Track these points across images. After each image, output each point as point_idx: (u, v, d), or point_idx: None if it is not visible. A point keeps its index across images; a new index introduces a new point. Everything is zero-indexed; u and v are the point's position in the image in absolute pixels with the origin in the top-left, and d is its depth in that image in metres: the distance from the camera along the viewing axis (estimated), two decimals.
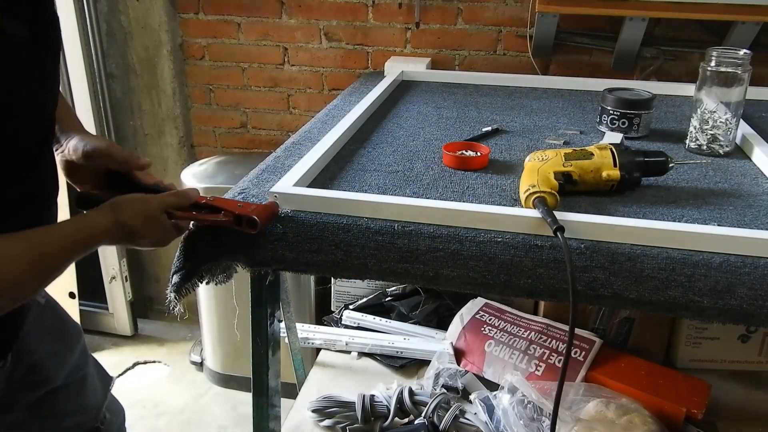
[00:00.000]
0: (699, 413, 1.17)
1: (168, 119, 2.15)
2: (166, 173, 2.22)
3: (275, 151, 1.16)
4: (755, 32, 1.58)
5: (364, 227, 0.89)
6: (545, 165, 0.94)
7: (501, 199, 0.96)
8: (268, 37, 1.99)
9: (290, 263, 0.93)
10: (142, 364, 2.25)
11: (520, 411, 1.16)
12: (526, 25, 1.79)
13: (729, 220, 0.89)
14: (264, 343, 1.04)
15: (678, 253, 0.83)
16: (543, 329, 1.37)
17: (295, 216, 0.91)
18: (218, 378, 2.12)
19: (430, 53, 1.89)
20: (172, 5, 2.01)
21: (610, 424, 1.12)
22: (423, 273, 0.89)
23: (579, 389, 1.22)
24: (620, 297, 0.84)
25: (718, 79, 1.11)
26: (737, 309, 0.82)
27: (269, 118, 2.11)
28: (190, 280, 0.93)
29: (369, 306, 1.61)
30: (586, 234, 0.85)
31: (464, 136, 1.22)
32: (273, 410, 1.11)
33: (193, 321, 2.26)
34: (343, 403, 1.27)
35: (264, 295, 1.02)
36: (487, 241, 0.86)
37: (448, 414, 1.20)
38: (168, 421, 1.98)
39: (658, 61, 1.73)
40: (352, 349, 1.47)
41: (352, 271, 0.92)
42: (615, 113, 1.22)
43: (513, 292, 0.88)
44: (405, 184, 1.00)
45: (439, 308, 1.56)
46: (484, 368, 1.35)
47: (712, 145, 1.14)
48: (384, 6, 1.87)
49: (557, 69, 1.84)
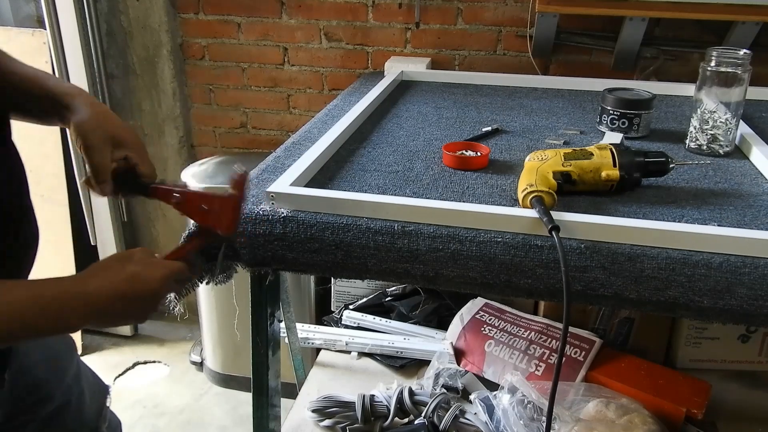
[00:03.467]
0: (699, 413, 1.17)
1: (168, 119, 2.15)
2: (166, 173, 2.22)
3: (275, 151, 1.16)
4: (755, 32, 1.58)
5: (364, 227, 0.89)
6: (544, 165, 0.94)
7: (501, 199, 0.96)
8: (268, 37, 1.99)
9: (290, 263, 0.93)
10: (142, 364, 2.25)
11: (520, 411, 1.16)
12: (526, 25, 1.79)
13: (729, 220, 0.89)
14: (264, 343, 1.04)
15: (678, 253, 0.83)
16: (543, 329, 1.37)
17: (295, 216, 0.91)
18: (218, 378, 2.12)
19: (430, 53, 1.89)
20: (172, 5, 2.01)
21: (610, 424, 1.12)
22: (423, 273, 0.89)
23: (579, 389, 1.22)
24: (620, 297, 0.84)
25: (718, 79, 1.11)
26: (737, 309, 0.82)
27: (269, 118, 2.11)
28: (190, 280, 0.94)
29: (369, 306, 1.61)
30: (586, 234, 0.85)
31: (464, 136, 1.22)
32: (273, 410, 1.11)
33: (193, 321, 2.26)
34: (343, 403, 1.27)
35: (264, 295, 1.03)
36: (487, 241, 0.86)
37: (448, 414, 1.20)
38: (168, 421, 1.98)
39: (658, 61, 1.73)
40: (352, 349, 1.47)
41: (352, 271, 0.92)
42: (615, 113, 1.22)
43: (513, 292, 0.88)
44: (405, 184, 1.00)
45: (439, 308, 1.56)
46: (484, 368, 1.35)
47: (712, 145, 1.14)
48: (384, 6, 1.87)
49: (557, 69, 1.84)
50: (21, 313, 0.64)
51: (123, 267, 0.71)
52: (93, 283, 0.69)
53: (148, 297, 0.71)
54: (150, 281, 0.71)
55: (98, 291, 0.69)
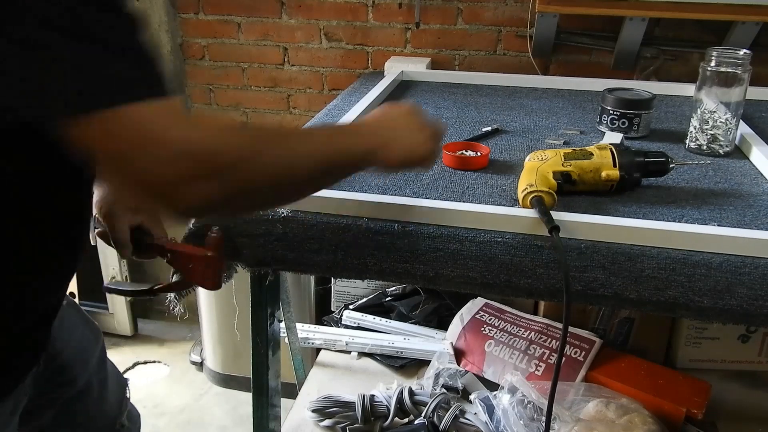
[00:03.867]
0: (699, 413, 1.17)
1: None
2: None
3: None
4: (755, 32, 1.58)
5: (364, 227, 0.89)
6: (544, 165, 0.94)
7: (501, 199, 0.96)
8: (268, 37, 1.99)
9: (290, 263, 0.93)
10: (142, 364, 2.25)
11: (520, 411, 1.16)
12: (526, 25, 1.79)
13: (729, 220, 0.89)
14: (264, 343, 1.04)
15: (678, 253, 0.82)
16: (543, 329, 1.37)
17: (295, 216, 0.91)
18: (218, 378, 2.12)
19: (430, 53, 1.89)
20: (172, 5, 2.01)
21: (610, 424, 1.12)
22: (423, 273, 0.89)
23: (579, 389, 1.22)
24: (620, 297, 0.84)
25: (718, 79, 1.11)
26: (737, 309, 0.82)
27: (269, 118, 2.11)
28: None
29: (369, 306, 1.61)
30: (586, 234, 0.85)
31: (464, 136, 1.22)
32: (273, 410, 1.11)
33: (193, 321, 2.25)
34: (343, 403, 1.27)
35: (264, 295, 1.03)
36: (487, 241, 0.86)
37: (448, 414, 1.20)
38: (168, 421, 1.98)
39: (658, 61, 1.73)
40: (352, 349, 1.47)
41: (352, 271, 0.92)
42: (615, 113, 1.22)
43: (513, 292, 0.88)
44: (405, 184, 1.00)
45: (439, 308, 1.56)
46: (484, 368, 1.35)
47: (712, 145, 1.14)
48: (384, 6, 1.87)
49: (557, 69, 1.84)
50: (328, 137, 0.72)
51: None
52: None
53: (428, 125, 0.80)
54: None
55: (383, 112, 0.81)
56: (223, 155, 0.57)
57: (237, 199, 0.61)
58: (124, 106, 0.52)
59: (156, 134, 0.54)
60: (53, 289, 0.77)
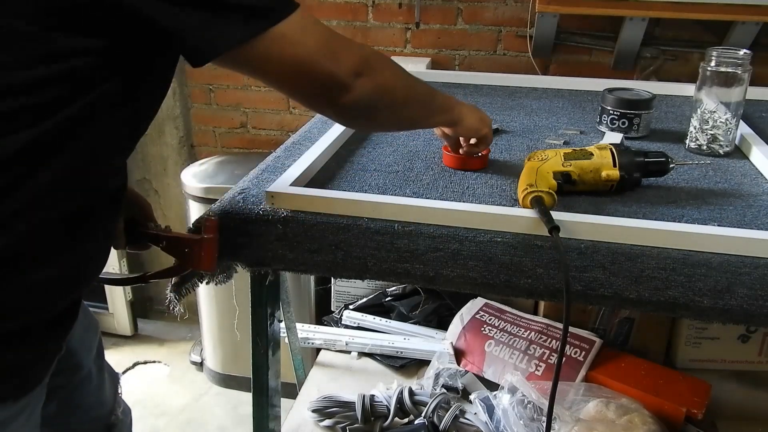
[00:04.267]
0: (699, 413, 1.17)
1: (168, 119, 2.15)
2: (166, 173, 2.23)
3: (275, 151, 1.16)
4: (755, 32, 1.58)
5: (364, 227, 0.89)
6: (544, 165, 0.94)
7: (501, 199, 0.96)
8: None
9: (290, 263, 0.93)
10: (142, 364, 2.26)
11: (520, 411, 1.16)
12: (526, 25, 1.79)
13: (729, 220, 0.89)
14: (264, 343, 1.04)
15: (678, 253, 0.82)
16: (543, 329, 1.37)
17: (294, 216, 0.91)
18: (218, 378, 2.12)
19: (430, 53, 1.89)
20: None
21: (610, 424, 1.12)
22: (423, 273, 0.89)
23: (579, 389, 1.22)
24: (620, 297, 0.84)
25: (718, 79, 1.11)
26: (737, 309, 0.82)
27: (269, 118, 2.11)
28: (190, 280, 0.94)
29: (369, 306, 1.61)
30: (586, 234, 0.85)
31: None
32: (273, 410, 1.11)
33: (193, 321, 2.25)
34: (343, 403, 1.27)
35: (264, 295, 1.03)
36: (487, 241, 0.86)
37: (448, 414, 1.20)
38: (168, 421, 1.98)
39: (658, 61, 1.73)
40: (352, 349, 1.47)
41: (352, 271, 0.92)
42: (615, 113, 1.22)
43: (513, 292, 0.88)
44: (405, 184, 1.00)
45: (439, 308, 1.56)
46: (484, 368, 1.35)
47: (712, 145, 1.14)
48: (384, 6, 1.87)
49: (557, 69, 1.84)
50: (432, 92, 0.91)
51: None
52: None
53: (484, 117, 1.01)
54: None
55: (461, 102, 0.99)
56: (373, 55, 0.79)
57: (383, 98, 0.80)
58: (293, 15, 0.70)
59: (337, 38, 0.75)
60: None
